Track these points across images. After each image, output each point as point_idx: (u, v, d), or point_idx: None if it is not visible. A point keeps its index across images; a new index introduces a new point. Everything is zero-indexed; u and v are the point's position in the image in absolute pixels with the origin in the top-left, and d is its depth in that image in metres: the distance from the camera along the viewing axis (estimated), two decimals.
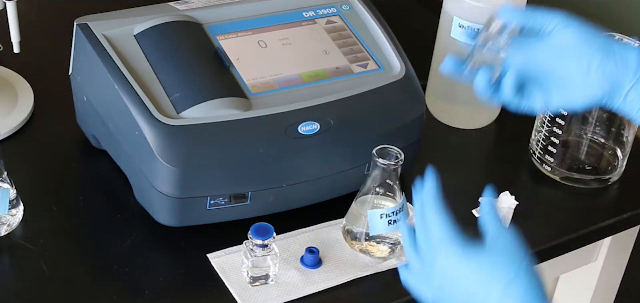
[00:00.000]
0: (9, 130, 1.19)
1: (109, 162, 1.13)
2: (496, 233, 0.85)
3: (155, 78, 1.05)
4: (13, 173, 1.04)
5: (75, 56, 1.13)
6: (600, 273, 1.33)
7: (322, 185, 1.09)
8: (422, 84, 1.21)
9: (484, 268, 0.82)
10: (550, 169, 1.23)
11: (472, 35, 1.23)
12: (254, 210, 1.06)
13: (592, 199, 1.21)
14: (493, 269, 0.82)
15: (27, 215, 1.06)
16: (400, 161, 1.03)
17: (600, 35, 0.92)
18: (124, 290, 0.99)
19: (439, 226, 0.85)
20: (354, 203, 1.05)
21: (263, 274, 1.00)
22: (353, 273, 1.03)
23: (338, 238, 1.07)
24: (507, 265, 0.82)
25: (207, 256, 1.04)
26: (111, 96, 1.05)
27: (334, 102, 1.08)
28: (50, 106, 1.25)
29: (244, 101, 1.05)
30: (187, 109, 1.03)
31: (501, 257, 0.83)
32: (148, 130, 1.01)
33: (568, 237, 1.15)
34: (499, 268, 0.82)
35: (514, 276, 0.81)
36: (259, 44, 1.13)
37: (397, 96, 1.12)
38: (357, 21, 1.19)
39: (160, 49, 1.08)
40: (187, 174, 1.01)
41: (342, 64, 1.13)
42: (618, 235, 1.26)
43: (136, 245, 1.05)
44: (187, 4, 1.15)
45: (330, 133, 1.06)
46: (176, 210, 1.03)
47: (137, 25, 1.10)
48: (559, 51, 0.92)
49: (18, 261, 1.02)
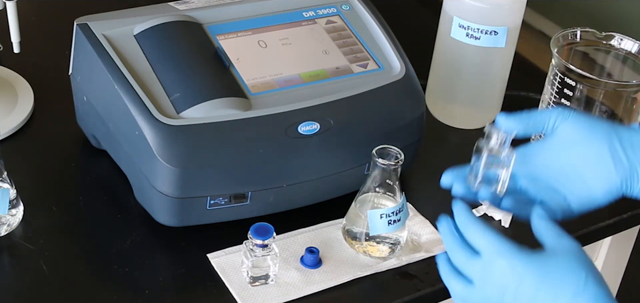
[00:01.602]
0: (9, 130, 1.19)
1: (109, 162, 1.13)
2: (557, 239, 0.82)
3: (155, 78, 1.05)
4: (13, 173, 1.04)
5: (75, 56, 1.13)
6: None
7: (322, 185, 1.09)
8: (422, 84, 1.21)
9: (552, 274, 0.79)
10: None
11: (472, 37, 1.23)
12: (254, 210, 1.06)
13: None
14: (563, 274, 0.79)
15: (27, 215, 1.06)
16: (400, 161, 1.03)
17: (602, 121, 0.89)
18: (124, 290, 0.99)
19: (488, 241, 0.82)
20: (354, 203, 1.05)
21: (263, 274, 1.00)
22: (353, 273, 1.03)
23: (338, 238, 1.07)
24: (577, 270, 0.79)
25: (207, 256, 1.04)
26: (111, 96, 1.05)
27: (334, 102, 1.08)
28: (50, 106, 1.25)
29: (244, 101, 1.05)
30: (187, 109, 1.03)
31: (568, 262, 0.80)
32: (148, 130, 1.01)
33: None
34: (569, 273, 0.79)
35: (584, 282, 0.78)
36: (259, 44, 1.13)
37: (397, 96, 1.12)
38: (357, 21, 1.19)
39: (160, 49, 1.08)
40: (187, 174, 1.01)
41: (342, 64, 1.13)
42: (618, 235, 1.26)
43: (136, 245, 1.05)
44: (187, 4, 1.15)
45: (330, 133, 1.06)
46: (176, 210, 1.03)
47: (137, 25, 1.10)
48: (566, 145, 0.89)
49: (18, 261, 1.02)
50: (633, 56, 1.21)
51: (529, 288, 0.79)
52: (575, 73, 1.16)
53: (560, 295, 0.78)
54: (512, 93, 1.34)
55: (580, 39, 1.23)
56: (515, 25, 1.25)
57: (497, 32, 1.23)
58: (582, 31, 1.22)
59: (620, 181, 0.88)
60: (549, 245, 0.82)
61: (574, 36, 1.22)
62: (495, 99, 1.31)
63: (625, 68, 1.23)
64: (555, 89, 1.18)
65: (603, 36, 1.23)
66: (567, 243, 0.82)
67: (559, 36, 1.21)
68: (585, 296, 0.78)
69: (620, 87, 1.18)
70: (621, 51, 1.22)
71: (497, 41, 1.23)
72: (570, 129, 0.89)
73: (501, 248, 0.81)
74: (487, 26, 1.22)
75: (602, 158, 0.88)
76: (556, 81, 1.18)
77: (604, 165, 0.88)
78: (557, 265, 0.80)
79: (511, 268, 0.80)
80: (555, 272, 0.79)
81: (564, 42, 1.22)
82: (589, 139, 0.88)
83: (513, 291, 0.80)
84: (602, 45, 1.23)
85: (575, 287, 0.78)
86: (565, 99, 1.17)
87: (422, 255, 1.07)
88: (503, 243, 0.81)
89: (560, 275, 0.79)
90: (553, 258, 0.80)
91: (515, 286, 0.80)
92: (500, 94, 1.32)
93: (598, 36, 1.23)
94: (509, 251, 0.80)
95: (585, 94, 1.17)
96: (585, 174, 0.89)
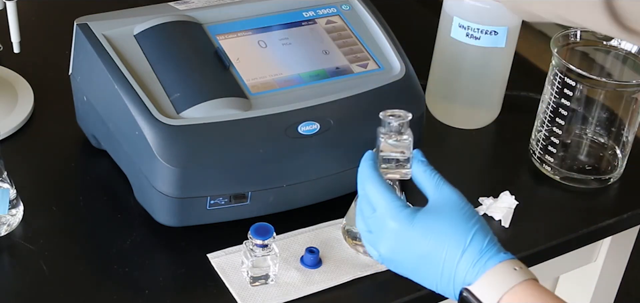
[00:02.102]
0: (9, 130, 1.19)
1: (109, 162, 1.13)
2: (437, 189, 0.87)
3: (155, 78, 1.05)
4: (13, 173, 1.04)
5: (75, 56, 1.13)
6: (600, 273, 1.33)
7: (322, 185, 1.09)
8: (422, 84, 1.21)
9: (437, 233, 0.84)
10: (550, 169, 1.23)
11: (472, 37, 1.23)
12: (254, 210, 1.06)
13: (592, 199, 1.21)
14: (448, 230, 0.84)
15: (27, 215, 1.06)
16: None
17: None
18: (124, 290, 0.99)
19: (381, 200, 0.87)
20: (354, 203, 1.05)
21: (263, 274, 1.00)
22: (353, 273, 1.03)
23: (338, 238, 1.07)
24: (461, 224, 0.84)
25: (207, 256, 1.04)
26: (111, 96, 1.05)
27: (334, 102, 1.08)
28: (50, 106, 1.25)
29: (244, 101, 1.05)
30: (187, 109, 1.03)
31: (452, 217, 0.84)
32: (148, 130, 1.01)
33: (568, 237, 1.15)
34: (454, 227, 0.84)
35: (471, 236, 0.83)
36: (259, 44, 1.13)
37: (397, 96, 1.12)
38: (357, 21, 1.19)
39: (160, 49, 1.08)
40: (187, 174, 1.01)
41: (342, 64, 1.13)
42: (618, 235, 1.26)
43: (136, 245, 1.05)
44: (187, 4, 1.15)
45: (330, 133, 1.06)
46: (176, 210, 1.03)
47: (137, 25, 1.10)
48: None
49: (18, 261, 1.02)
50: (633, 56, 1.21)
51: (417, 247, 0.85)
52: (575, 73, 1.16)
53: (448, 251, 0.83)
54: (512, 93, 1.34)
55: (580, 39, 1.23)
56: (515, 26, 1.25)
57: (497, 32, 1.23)
58: (582, 31, 1.22)
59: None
60: (431, 198, 0.87)
61: (574, 36, 1.22)
62: (495, 99, 1.31)
63: (625, 68, 1.23)
64: (555, 89, 1.18)
65: (603, 36, 1.23)
66: (448, 194, 0.86)
67: (559, 36, 1.21)
68: (470, 249, 0.83)
69: (620, 87, 1.18)
70: (621, 51, 1.22)
71: (497, 41, 1.23)
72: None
73: (391, 210, 0.86)
74: (487, 26, 1.22)
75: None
76: (556, 81, 1.18)
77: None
78: (442, 222, 0.84)
79: (398, 232, 0.86)
80: (440, 231, 0.84)
81: (564, 42, 1.22)
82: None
83: (404, 250, 0.86)
84: (602, 45, 1.23)
85: (461, 242, 0.83)
86: (565, 99, 1.17)
87: None
88: (393, 204, 0.86)
89: (446, 230, 0.84)
90: (436, 215, 0.85)
91: (405, 247, 0.85)
92: (500, 94, 1.32)
93: (598, 36, 1.23)
94: (397, 215, 0.86)
95: (585, 94, 1.17)
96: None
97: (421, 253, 0.85)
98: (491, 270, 0.83)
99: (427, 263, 0.85)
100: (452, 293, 0.85)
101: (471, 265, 0.83)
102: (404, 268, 0.88)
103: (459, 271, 0.84)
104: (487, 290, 0.82)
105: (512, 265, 0.83)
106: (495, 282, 0.82)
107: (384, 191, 0.88)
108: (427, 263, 0.85)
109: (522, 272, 0.83)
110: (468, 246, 0.83)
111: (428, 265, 0.85)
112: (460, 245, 0.83)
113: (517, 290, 0.82)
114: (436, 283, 0.86)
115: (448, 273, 0.84)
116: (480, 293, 0.82)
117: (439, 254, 0.84)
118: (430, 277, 0.86)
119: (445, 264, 0.84)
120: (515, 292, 0.81)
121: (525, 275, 0.83)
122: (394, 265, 0.89)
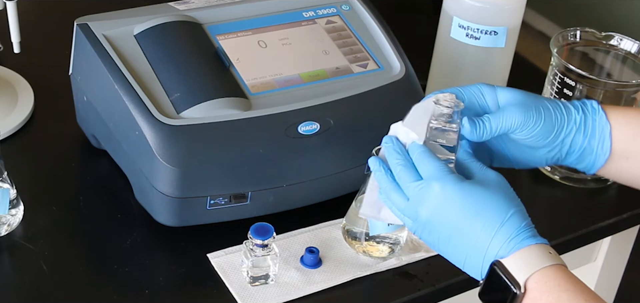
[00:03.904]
0: (9, 130, 1.19)
1: (109, 162, 1.13)
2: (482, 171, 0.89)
3: (155, 78, 1.05)
4: (13, 173, 1.04)
5: (75, 56, 1.13)
6: (600, 273, 1.33)
7: (322, 185, 1.09)
8: (422, 84, 1.21)
9: (480, 202, 0.85)
10: (550, 169, 1.23)
11: (472, 37, 1.23)
12: (254, 210, 1.06)
13: (592, 199, 1.21)
14: (490, 202, 0.85)
15: (27, 215, 1.06)
16: None
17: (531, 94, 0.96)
18: (124, 290, 1.00)
19: (430, 164, 0.87)
20: (354, 203, 1.06)
21: (263, 274, 1.00)
22: (353, 273, 1.03)
23: (338, 238, 1.07)
24: (503, 201, 0.85)
25: (207, 256, 1.04)
26: (111, 96, 1.05)
27: (334, 102, 1.08)
28: (50, 106, 1.25)
29: (244, 101, 1.05)
30: (187, 109, 1.03)
31: (496, 193, 0.86)
32: (148, 130, 1.01)
33: (568, 237, 1.15)
34: (496, 201, 0.85)
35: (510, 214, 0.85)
36: (259, 44, 1.13)
37: (397, 96, 1.12)
38: (357, 21, 1.19)
39: (160, 49, 1.08)
40: (187, 174, 1.01)
41: (342, 64, 1.13)
42: (618, 235, 1.26)
43: (136, 245, 1.05)
44: (187, 4, 1.15)
45: (330, 133, 1.06)
46: (176, 210, 1.03)
47: (137, 25, 1.10)
48: (511, 107, 0.94)
49: (18, 261, 1.02)
50: (633, 56, 1.21)
51: (457, 213, 0.85)
52: (574, 73, 1.16)
53: (486, 222, 0.84)
54: None
55: (580, 39, 1.23)
56: (515, 25, 1.25)
57: (497, 32, 1.23)
58: (582, 31, 1.22)
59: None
60: (477, 175, 0.88)
61: (573, 36, 1.22)
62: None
63: (625, 68, 1.23)
64: (555, 89, 1.18)
65: (603, 36, 1.23)
66: (494, 175, 0.88)
67: (558, 36, 1.21)
68: (508, 225, 0.84)
69: (619, 87, 1.18)
70: (621, 50, 1.22)
71: (497, 40, 1.23)
72: (511, 95, 0.95)
73: (438, 172, 0.87)
74: (487, 26, 1.22)
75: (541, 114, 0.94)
76: (556, 81, 1.18)
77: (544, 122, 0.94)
78: (485, 194, 0.85)
79: (442, 195, 0.86)
80: (482, 201, 0.85)
81: (563, 42, 1.22)
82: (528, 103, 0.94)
83: (443, 214, 0.86)
84: (601, 45, 1.23)
85: (500, 216, 0.84)
86: (565, 99, 1.17)
87: (422, 255, 1.07)
88: (441, 169, 0.87)
89: (488, 202, 0.85)
90: (481, 187, 0.86)
91: (445, 210, 0.86)
92: None
93: (598, 36, 1.23)
94: (444, 177, 0.86)
95: (584, 94, 1.17)
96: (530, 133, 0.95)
97: (459, 219, 0.85)
98: (526, 249, 0.84)
99: (462, 231, 0.85)
100: (479, 267, 0.86)
101: (507, 240, 0.84)
102: (437, 235, 0.87)
103: (494, 244, 0.84)
104: (518, 266, 0.83)
105: (547, 250, 0.85)
106: (529, 260, 0.83)
107: (432, 158, 0.88)
108: (463, 232, 0.85)
109: (555, 257, 0.84)
110: (506, 221, 0.84)
111: (462, 234, 0.86)
112: (499, 219, 0.84)
113: (548, 271, 0.83)
114: (466, 255, 0.86)
115: (482, 244, 0.85)
116: (512, 267, 0.83)
117: (476, 223, 0.85)
118: (461, 247, 0.86)
119: (481, 234, 0.85)
120: (545, 272, 0.83)
121: (557, 261, 0.84)
122: (428, 231, 0.88)
